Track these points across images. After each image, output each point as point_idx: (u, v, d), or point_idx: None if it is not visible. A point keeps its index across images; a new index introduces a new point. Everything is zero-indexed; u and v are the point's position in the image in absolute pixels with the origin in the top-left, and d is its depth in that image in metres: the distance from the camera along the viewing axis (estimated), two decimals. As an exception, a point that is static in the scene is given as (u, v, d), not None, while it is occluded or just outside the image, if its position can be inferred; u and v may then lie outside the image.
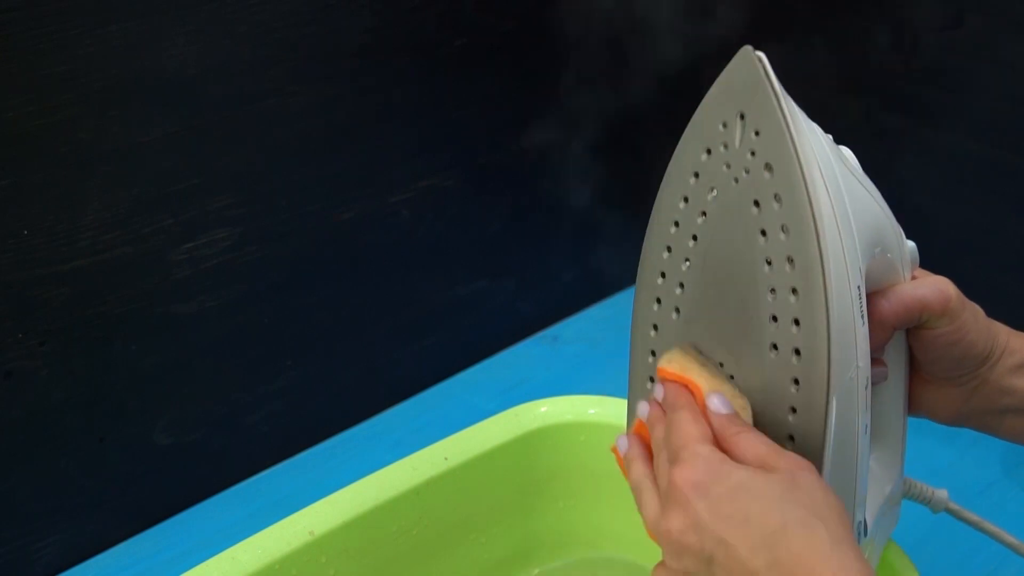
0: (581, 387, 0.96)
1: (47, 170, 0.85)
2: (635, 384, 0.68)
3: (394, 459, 0.85)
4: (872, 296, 0.63)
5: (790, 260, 0.58)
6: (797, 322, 0.58)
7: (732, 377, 0.62)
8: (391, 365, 1.13)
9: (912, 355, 0.67)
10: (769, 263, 0.59)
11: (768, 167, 0.59)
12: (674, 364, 0.63)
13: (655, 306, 0.66)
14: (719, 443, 0.58)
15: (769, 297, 0.59)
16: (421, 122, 1.07)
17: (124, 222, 0.90)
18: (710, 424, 0.59)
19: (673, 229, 0.64)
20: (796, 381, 0.59)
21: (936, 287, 0.64)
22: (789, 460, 0.56)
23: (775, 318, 0.59)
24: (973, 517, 0.75)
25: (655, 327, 0.66)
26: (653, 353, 0.66)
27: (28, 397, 0.89)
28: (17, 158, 0.84)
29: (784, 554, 0.52)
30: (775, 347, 0.59)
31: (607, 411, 0.90)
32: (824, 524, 0.53)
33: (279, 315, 1.03)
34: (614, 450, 0.66)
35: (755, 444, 0.57)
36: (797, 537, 0.53)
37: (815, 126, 0.61)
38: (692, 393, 0.61)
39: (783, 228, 0.58)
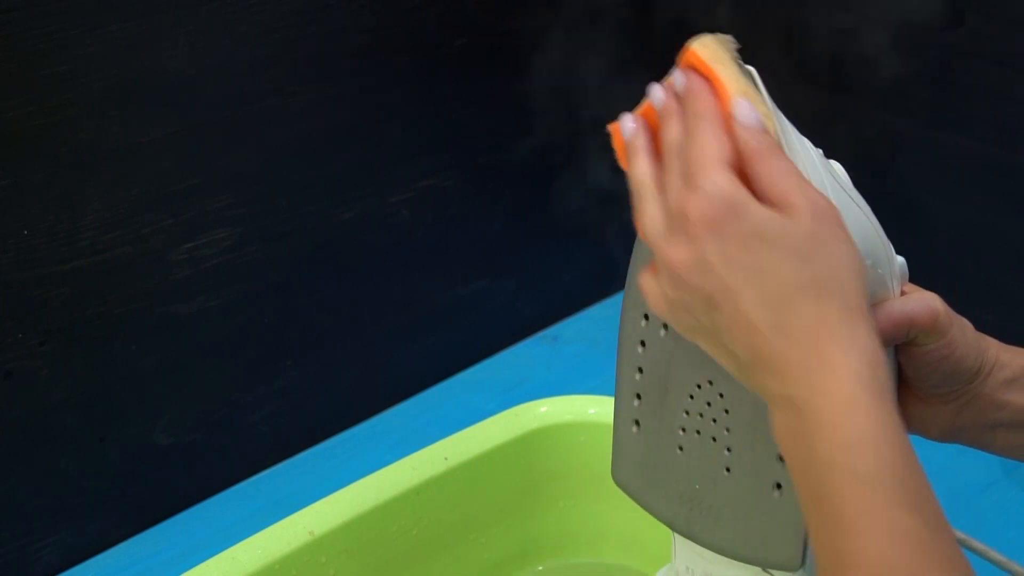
0: (581, 387, 0.96)
1: (47, 170, 0.85)
2: (623, 401, 0.67)
3: (394, 459, 0.85)
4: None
5: None
6: None
7: (722, 396, 0.61)
8: (391, 365, 1.13)
9: (902, 372, 0.67)
10: None
11: None
12: (707, 51, 0.56)
13: (643, 322, 0.65)
14: (740, 163, 0.54)
15: None
16: (421, 122, 1.07)
17: (124, 222, 0.90)
18: (734, 136, 0.54)
19: None
20: None
21: (924, 303, 0.62)
22: (814, 205, 0.52)
23: None
24: (960, 535, 0.75)
25: (642, 343, 0.65)
26: (640, 370, 0.65)
27: (28, 397, 0.89)
28: (17, 158, 0.84)
29: (792, 319, 0.51)
30: None
31: (607, 411, 0.90)
32: (840, 291, 0.51)
33: (279, 315, 1.03)
34: (614, 130, 0.60)
35: (779, 173, 0.53)
36: (808, 302, 0.51)
37: (806, 141, 0.61)
38: (718, 96, 0.55)
39: None
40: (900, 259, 0.65)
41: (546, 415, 0.90)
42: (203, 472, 1.02)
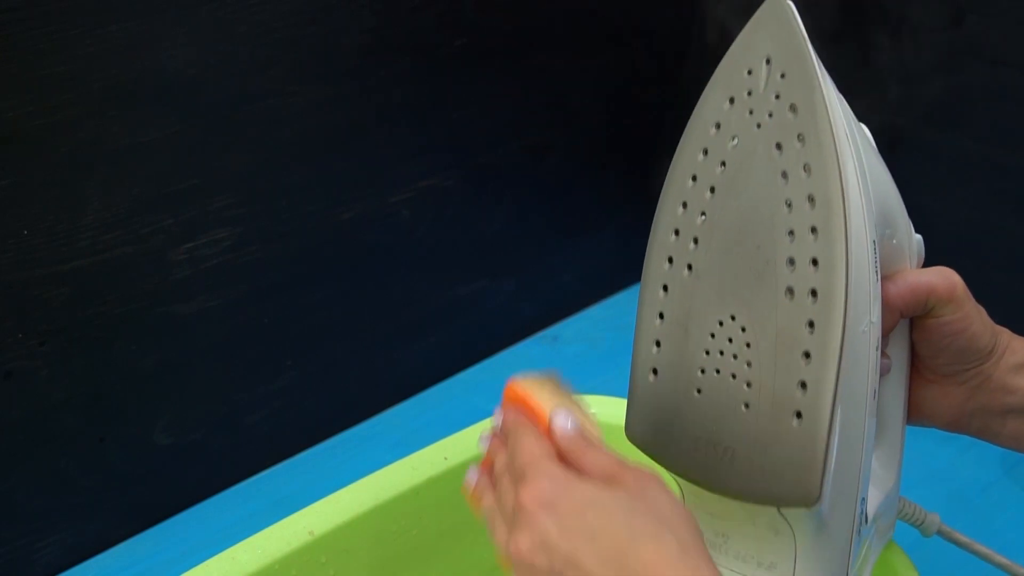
0: (581, 387, 0.96)
1: (47, 170, 0.85)
2: (642, 351, 0.67)
3: (394, 459, 0.85)
4: (882, 281, 0.63)
5: (811, 199, 0.58)
6: (815, 262, 0.58)
7: (744, 330, 0.61)
8: (391, 365, 1.13)
9: (915, 352, 0.67)
10: (789, 205, 0.59)
11: (793, 108, 0.59)
12: (521, 385, 0.64)
13: (666, 265, 0.65)
14: (565, 462, 0.58)
15: (788, 239, 0.59)
16: (421, 122, 1.07)
17: (124, 222, 0.90)
18: (555, 442, 0.59)
19: (690, 184, 0.64)
20: (811, 324, 0.58)
21: (943, 274, 0.64)
22: (636, 473, 0.56)
23: (792, 261, 0.59)
24: (964, 539, 0.75)
25: (665, 288, 0.65)
26: (661, 316, 0.65)
27: (28, 397, 0.89)
28: (17, 158, 0.84)
29: (635, 565, 0.52)
30: (791, 291, 0.59)
31: (607, 411, 0.90)
32: (672, 532, 0.53)
33: (279, 315, 1.03)
34: (465, 489, 0.66)
35: (601, 458, 0.57)
36: (646, 548, 0.52)
37: (843, 100, 0.62)
38: (536, 416, 0.62)
39: (805, 167, 0.58)
40: (918, 237, 0.66)
41: (546, 415, 0.90)
42: (203, 472, 1.02)
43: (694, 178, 0.64)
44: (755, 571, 0.64)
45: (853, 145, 0.59)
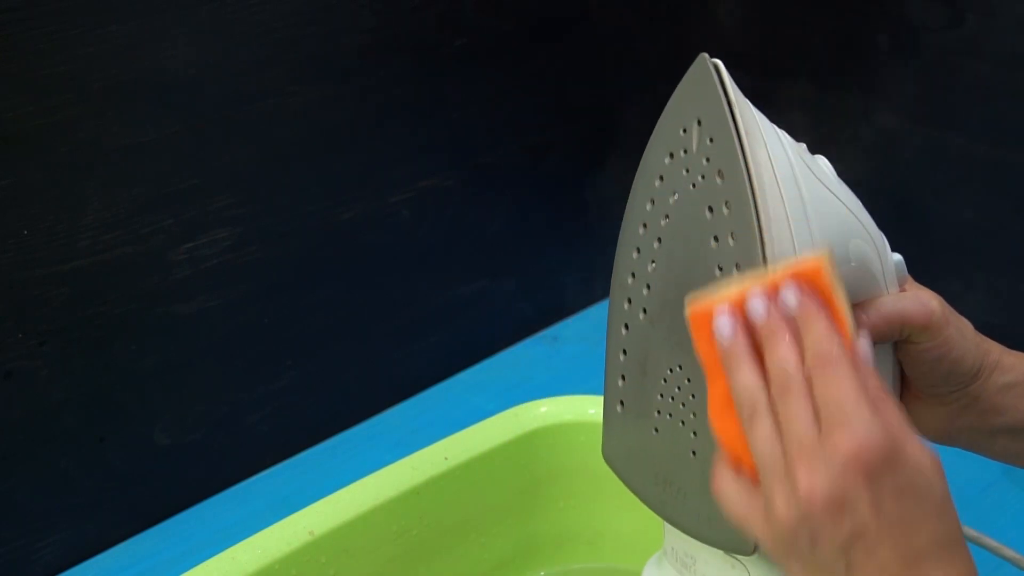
0: (581, 387, 0.96)
1: (47, 170, 0.85)
2: (610, 381, 0.68)
3: (394, 459, 0.85)
4: (853, 309, 0.63)
5: (738, 266, 0.59)
6: None
7: (689, 380, 0.62)
8: (391, 365, 1.13)
9: (901, 370, 0.67)
10: (720, 268, 0.60)
11: (720, 174, 0.59)
12: (830, 273, 0.54)
13: (626, 304, 0.66)
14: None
15: None
16: (421, 122, 1.07)
17: (124, 222, 0.90)
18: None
19: (641, 230, 0.65)
20: None
21: (919, 301, 0.62)
22: (934, 454, 0.52)
23: None
24: (972, 533, 0.75)
25: (626, 326, 0.67)
26: (624, 351, 0.67)
27: (28, 397, 0.89)
28: (17, 158, 0.84)
29: (932, 571, 0.50)
30: None
31: (607, 411, 0.90)
32: (961, 553, 0.51)
33: (279, 315, 1.03)
34: (697, 316, 0.55)
35: (897, 414, 0.51)
36: (941, 564, 0.50)
37: (781, 134, 0.61)
38: (840, 328, 0.53)
39: (732, 234, 0.59)
40: (897, 257, 0.65)
41: (546, 415, 0.90)
42: (203, 472, 1.02)
43: (644, 225, 0.65)
44: None
45: (791, 196, 0.59)
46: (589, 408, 0.90)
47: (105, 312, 0.92)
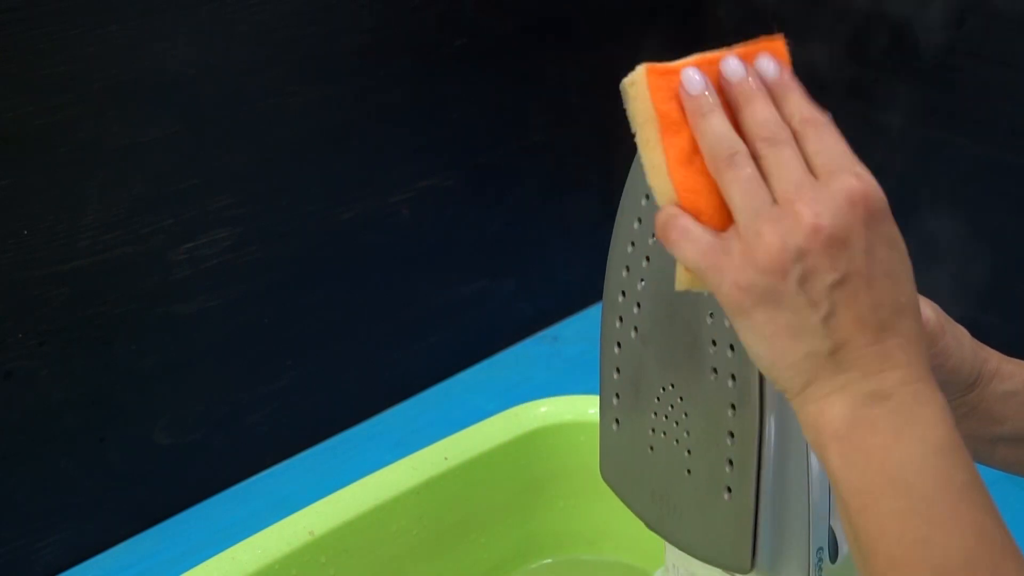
0: (581, 387, 0.96)
1: (47, 170, 0.85)
2: (605, 400, 0.68)
3: (394, 459, 0.85)
4: None
5: None
6: (732, 347, 0.59)
7: (681, 399, 0.62)
8: (391, 365, 1.13)
9: None
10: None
11: None
12: (786, 51, 0.54)
13: (618, 323, 0.66)
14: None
15: (708, 320, 0.60)
16: (421, 122, 1.07)
17: (124, 222, 0.90)
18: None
19: (630, 248, 0.65)
20: (733, 406, 0.59)
21: None
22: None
23: (714, 342, 0.60)
24: None
25: (618, 344, 0.66)
26: (618, 370, 0.66)
27: (28, 397, 0.89)
28: (17, 158, 0.84)
29: (901, 326, 0.50)
30: (715, 371, 0.60)
31: (607, 411, 0.90)
32: (920, 320, 0.52)
33: (279, 315, 1.03)
34: (659, 73, 0.53)
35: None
36: (911, 320, 0.51)
37: None
38: None
39: None
40: None
41: (546, 415, 0.90)
42: (203, 472, 1.02)
43: (632, 243, 0.65)
44: None
45: None
46: (589, 408, 0.90)
47: (105, 312, 0.92)
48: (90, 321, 0.91)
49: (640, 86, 0.53)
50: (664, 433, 0.63)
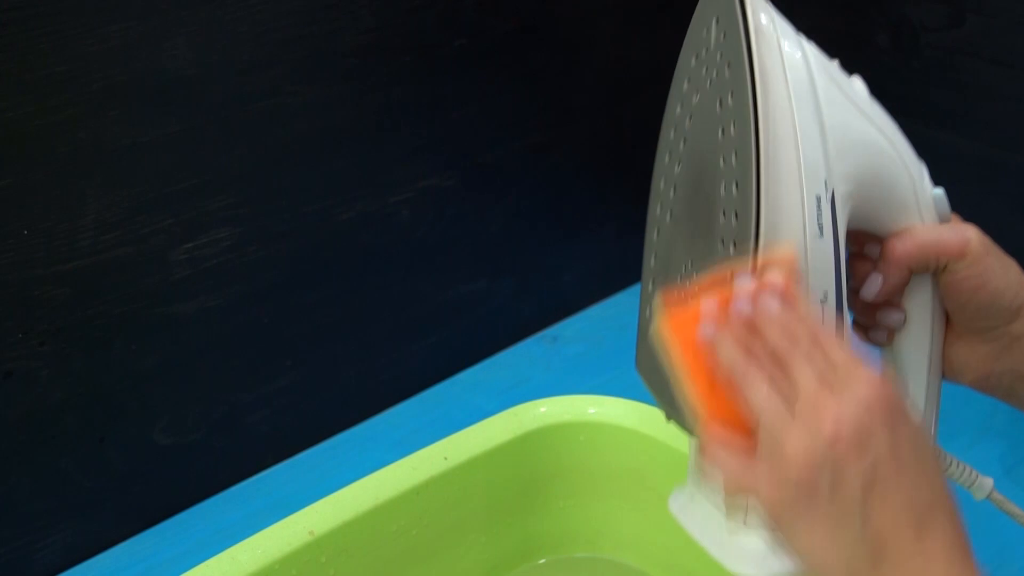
0: (581, 387, 0.96)
1: (47, 170, 0.85)
2: (643, 288, 0.68)
3: (394, 459, 0.85)
4: (888, 238, 0.63)
5: (736, 153, 0.59)
6: (736, 215, 0.59)
7: (696, 275, 0.62)
8: (391, 365, 1.13)
9: (945, 308, 0.67)
10: (724, 159, 0.60)
11: (729, 65, 0.60)
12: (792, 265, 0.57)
13: (659, 209, 0.67)
14: None
15: (723, 192, 0.60)
16: (421, 122, 1.07)
17: (124, 222, 0.90)
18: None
19: (672, 134, 0.66)
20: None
21: (955, 230, 0.63)
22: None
23: (725, 213, 0.60)
24: (1016, 510, 0.74)
25: (657, 231, 0.67)
26: (656, 256, 0.67)
27: (28, 397, 0.89)
28: (17, 158, 0.84)
29: (936, 531, 0.50)
30: (722, 242, 0.60)
31: (607, 411, 0.90)
32: (958, 516, 0.52)
33: (279, 315, 1.03)
34: (677, 323, 0.57)
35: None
36: (948, 522, 0.51)
37: (807, 43, 0.62)
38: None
39: (732, 123, 0.59)
40: (938, 191, 0.65)
41: (546, 415, 0.90)
42: (203, 472, 1.02)
43: (675, 128, 0.66)
44: (727, 509, 0.65)
45: (802, 99, 0.59)
46: (589, 408, 0.90)
47: (105, 312, 0.92)
48: (90, 321, 0.91)
49: (664, 331, 0.58)
50: None
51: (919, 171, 0.64)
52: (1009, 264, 0.64)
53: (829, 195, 0.60)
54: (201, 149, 0.93)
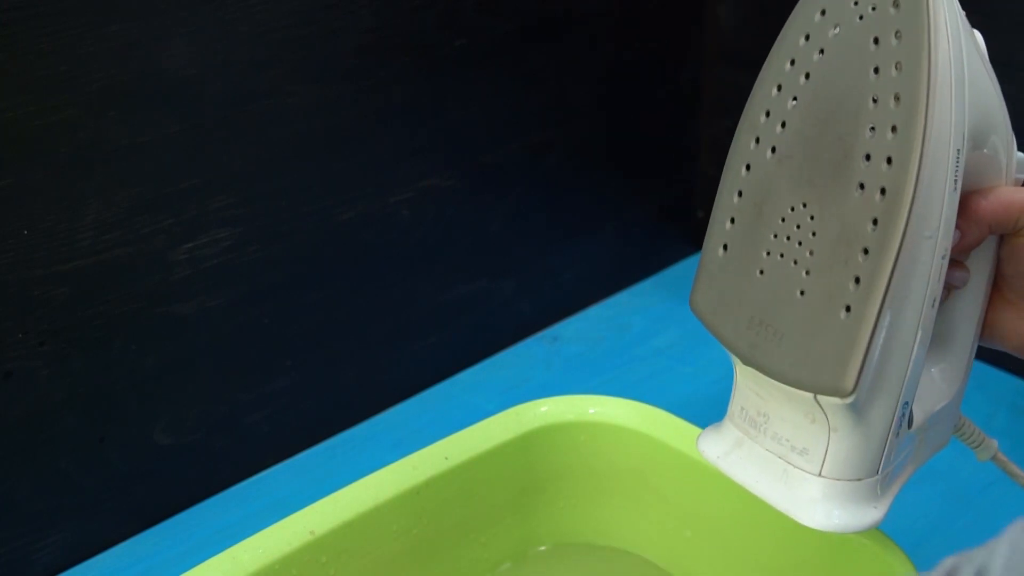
0: (581, 387, 0.96)
1: (47, 170, 0.85)
2: (717, 226, 0.68)
3: (394, 459, 0.85)
4: (970, 194, 0.64)
5: (897, 97, 0.58)
6: (889, 160, 0.58)
7: (812, 218, 0.62)
8: (391, 365, 1.13)
9: (999, 269, 0.67)
10: (875, 100, 0.59)
11: (896, 4, 0.59)
12: None
13: (753, 144, 0.66)
14: None
15: (868, 134, 0.59)
16: (421, 122, 1.07)
17: (124, 222, 0.90)
18: None
19: (788, 67, 0.64)
20: (875, 222, 0.59)
21: None
22: None
23: (868, 156, 0.59)
24: (1018, 471, 0.75)
25: (748, 166, 0.66)
26: (740, 193, 0.66)
27: (28, 397, 0.89)
28: (17, 158, 0.84)
29: None
30: (862, 186, 0.59)
31: (607, 411, 0.90)
32: None
33: (279, 315, 1.03)
34: None
35: None
36: None
37: (955, 3, 0.62)
38: None
39: (897, 65, 0.59)
40: (1021, 155, 0.66)
41: (546, 415, 0.90)
42: (203, 472, 1.02)
43: (792, 62, 0.64)
44: (788, 454, 0.65)
45: (955, 49, 0.59)
46: (589, 408, 0.90)
47: (105, 312, 0.92)
48: (90, 321, 0.91)
49: None
50: (781, 255, 0.63)
51: (1011, 136, 0.64)
52: None
53: (963, 148, 0.60)
54: (201, 149, 0.93)
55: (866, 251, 0.59)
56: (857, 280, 0.59)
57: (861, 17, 0.61)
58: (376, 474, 0.83)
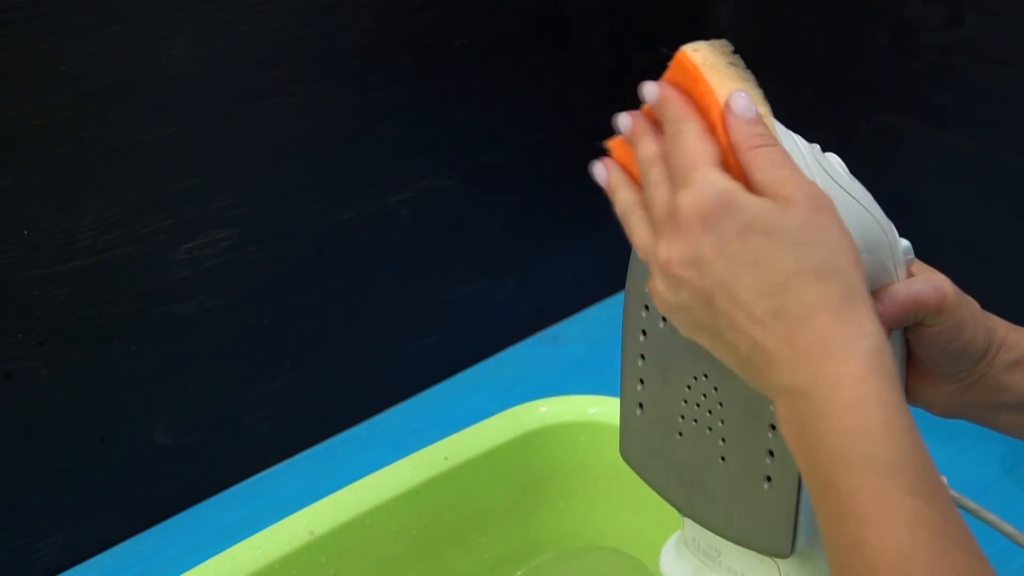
0: (581, 387, 0.96)
1: (47, 170, 0.85)
2: (628, 386, 0.68)
3: (394, 459, 0.85)
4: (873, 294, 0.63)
5: None
6: None
7: (716, 389, 0.62)
8: (391, 365, 1.13)
9: (910, 350, 0.67)
10: None
11: None
12: (698, 55, 0.56)
13: (643, 312, 0.66)
14: (733, 155, 0.54)
15: None
16: (421, 122, 1.07)
17: (124, 222, 0.90)
18: (727, 132, 0.54)
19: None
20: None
21: (931, 284, 0.62)
22: (810, 191, 0.52)
23: None
24: (972, 505, 0.75)
25: (643, 332, 0.66)
26: (643, 357, 0.66)
27: (28, 397, 0.89)
28: (17, 158, 0.84)
29: (792, 304, 0.50)
30: None
31: (607, 411, 0.90)
32: (839, 275, 0.51)
33: (279, 315, 1.03)
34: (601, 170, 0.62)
35: (775, 164, 0.53)
36: (808, 287, 0.50)
37: (797, 138, 0.61)
38: (706, 102, 0.55)
39: None
40: (905, 242, 0.65)
41: (546, 415, 0.90)
42: (203, 472, 1.02)
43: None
44: None
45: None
46: (589, 408, 0.90)
47: (105, 312, 0.92)
48: (90, 321, 0.91)
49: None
50: (695, 421, 0.63)
51: (890, 228, 0.64)
52: (974, 307, 0.64)
53: None
54: (201, 149, 0.93)
55: (773, 427, 0.59)
56: (771, 453, 0.59)
57: None
58: (376, 474, 0.83)
